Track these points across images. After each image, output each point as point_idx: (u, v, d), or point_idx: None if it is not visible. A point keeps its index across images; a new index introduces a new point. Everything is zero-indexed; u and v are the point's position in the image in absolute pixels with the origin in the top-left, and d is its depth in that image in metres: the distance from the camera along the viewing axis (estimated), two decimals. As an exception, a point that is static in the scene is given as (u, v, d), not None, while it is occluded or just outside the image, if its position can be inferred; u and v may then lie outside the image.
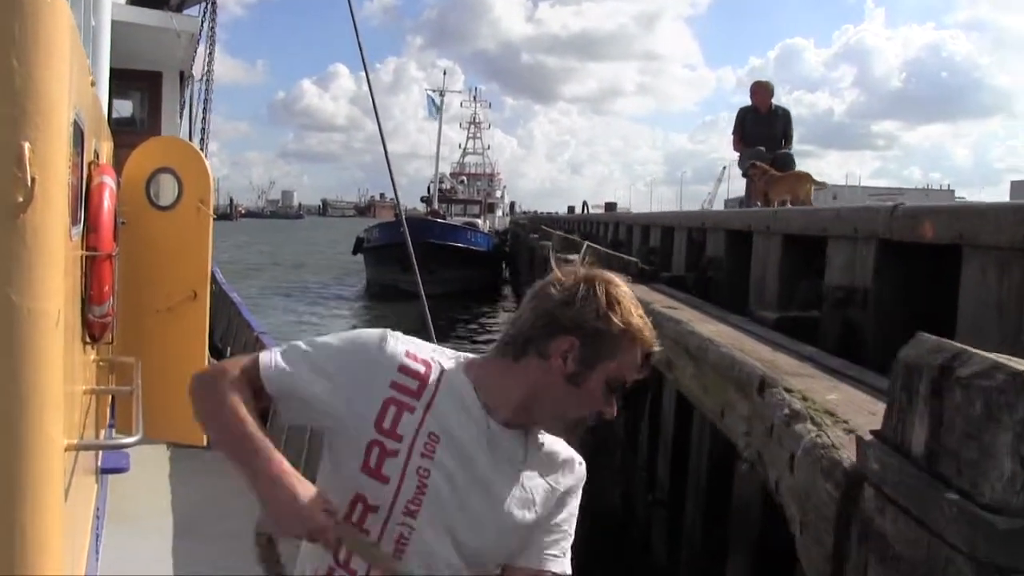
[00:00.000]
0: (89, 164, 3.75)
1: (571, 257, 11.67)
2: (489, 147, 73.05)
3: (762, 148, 11.08)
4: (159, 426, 4.71)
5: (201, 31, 10.75)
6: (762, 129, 11.39)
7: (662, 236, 11.02)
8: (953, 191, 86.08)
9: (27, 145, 1.68)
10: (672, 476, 6.99)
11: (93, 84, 4.01)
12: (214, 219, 5.75)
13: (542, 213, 61.84)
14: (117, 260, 4.17)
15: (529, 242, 26.83)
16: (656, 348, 1.85)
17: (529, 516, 1.86)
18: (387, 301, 33.99)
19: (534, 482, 1.89)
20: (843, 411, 3.12)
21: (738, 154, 11.59)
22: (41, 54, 1.72)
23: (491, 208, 60.02)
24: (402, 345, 1.85)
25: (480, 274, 40.54)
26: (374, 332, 1.86)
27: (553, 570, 1.89)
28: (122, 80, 9.16)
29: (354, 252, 42.64)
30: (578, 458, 1.98)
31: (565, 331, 1.79)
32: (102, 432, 4.88)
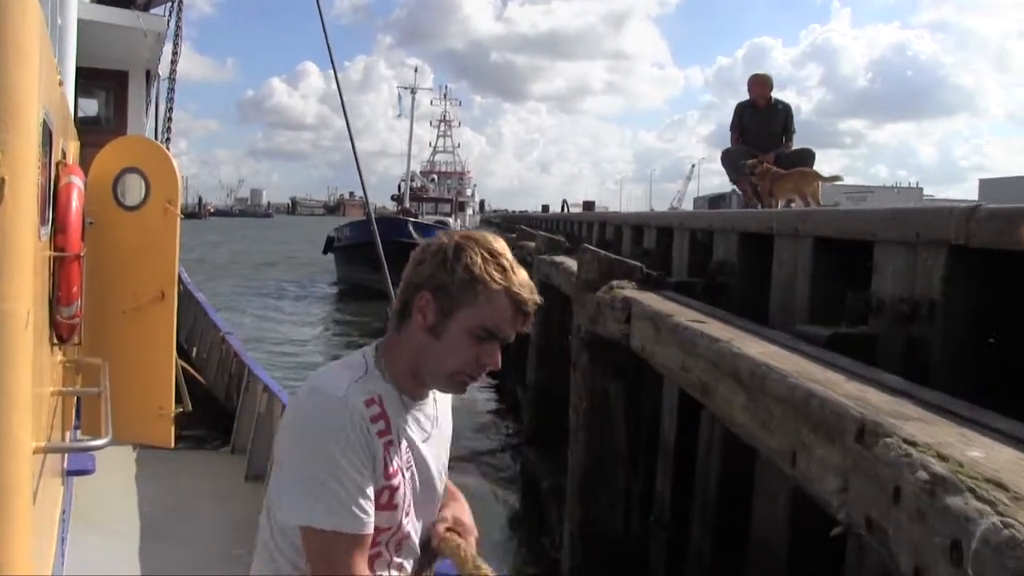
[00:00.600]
0: (57, 164, 3.73)
1: (559, 259, 11.33)
2: (460, 145, 73.27)
3: (745, 146, 10.64)
4: (126, 428, 4.68)
5: (167, 30, 10.65)
6: (761, 125, 10.86)
7: (658, 238, 10.36)
8: (922, 189, 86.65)
9: None
10: (674, 493, 6.64)
11: (61, 83, 3.98)
12: (183, 218, 5.73)
13: (515, 212, 61.63)
14: (84, 260, 4.14)
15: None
16: (524, 295, 1.91)
17: (445, 456, 2.16)
18: (357, 300, 33.72)
19: (445, 428, 2.16)
20: (1010, 479, 2.39)
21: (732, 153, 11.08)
22: (11, 54, 1.72)
23: (462, 207, 59.66)
24: (355, 399, 1.89)
25: None
26: (340, 415, 1.86)
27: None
28: (88, 79, 9.08)
29: (325, 251, 42.22)
30: (448, 405, 2.20)
31: (419, 288, 1.92)
32: (67, 434, 4.84)
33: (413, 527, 2.04)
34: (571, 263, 10.30)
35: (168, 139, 11.64)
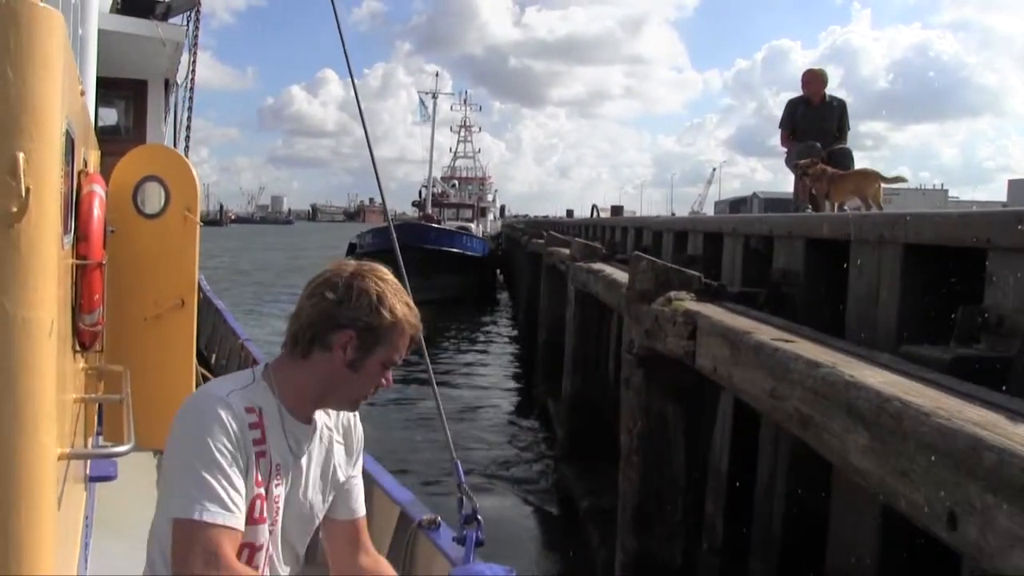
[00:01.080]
0: (79, 173, 3.76)
1: (596, 267, 11.01)
2: (480, 150, 72.11)
3: (816, 143, 9.96)
4: (147, 434, 4.70)
5: (186, 39, 10.72)
6: (815, 123, 10.27)
7: (704, 244, 9.64)
8: (947, 191, 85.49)
9: (21, 156, 1.69)
10: (727, 521, 6.47)
11: (83, 93, 4.02)
12: (204, 225, 5.75)
13: (539, 217, 61.09)
14: (106, 268, 4.17)
15: (532, 247, 24.86)
16: (419, 328, 2.18)
17: (339, 476, 2.31)
18: None
19: (335, 450, 2.29)
20: None
21: (786, 150, 10.50)
22: (36, 65, 1.74)
23: (483, 212, 58.97)
24: (237, 403, 2.05)
25: (475, 280, 39.71)
26: (219, 413, 2.01)
27: (362, 514, 2.40)
28: (108, 88, 9.15)
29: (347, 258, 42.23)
30: (355, 418, 2.38)
31: (343, 327, 2.09)
32: (90, 440, 4.87)
33: (276, 546, 2.16)
34: (611, 271, 10.13)
35: (187, 147, 11.72)
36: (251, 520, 2.05)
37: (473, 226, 50.00)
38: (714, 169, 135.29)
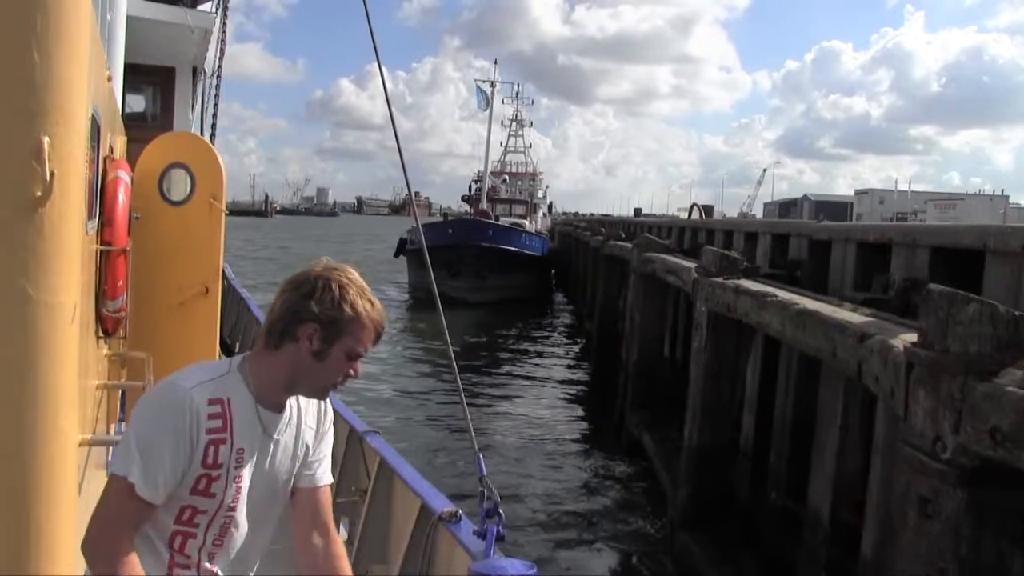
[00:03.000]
0: (104, 159, 3.76)
1: (747, 285, 8.98)
2: (531, 145, 68.47)
3: None
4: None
5: (214, 26, 10.73)
6: None
7: (811, 249, 9.36)
8: (1007, 196, 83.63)
9: (46, 140, 1.68)
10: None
11: (109, 79, 4.02)
12: (248, 216, 5.76)
13: (599, 215, 59.59)
14: (130, 255, 4.17)
15: (611, 250, 21.97)
16: (383, 325, 2.39)
17: (308, 454, 2.54)
18: (433, 309, 32.23)
19: (303, 431, 2.52)
20: None
21: None
22: (62, 49, 1.72)
23: (533, 208, 57.00)
24: (199, 396, 2.27)
25: (535, 281, 38.18)
26: (177, 405, 2.25)
27: (326, 481, 2.63)
28: (136, 75, 9.18)
29: (396, 254, 41.19)
30: (326, 404, 2.59)
31: (308, 320, 2.30)
32: (113, 427, 4.88)
33: (239, 519, 2.41)
34: (778, 293, 7.94)
35: (213, 135, 11.74)
36: (195, 492, 2.30)
37: (526, 223, 48.42)
38: (764, 170, 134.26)
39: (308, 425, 2.55)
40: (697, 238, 17.38)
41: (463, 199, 58.76)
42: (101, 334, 3.73)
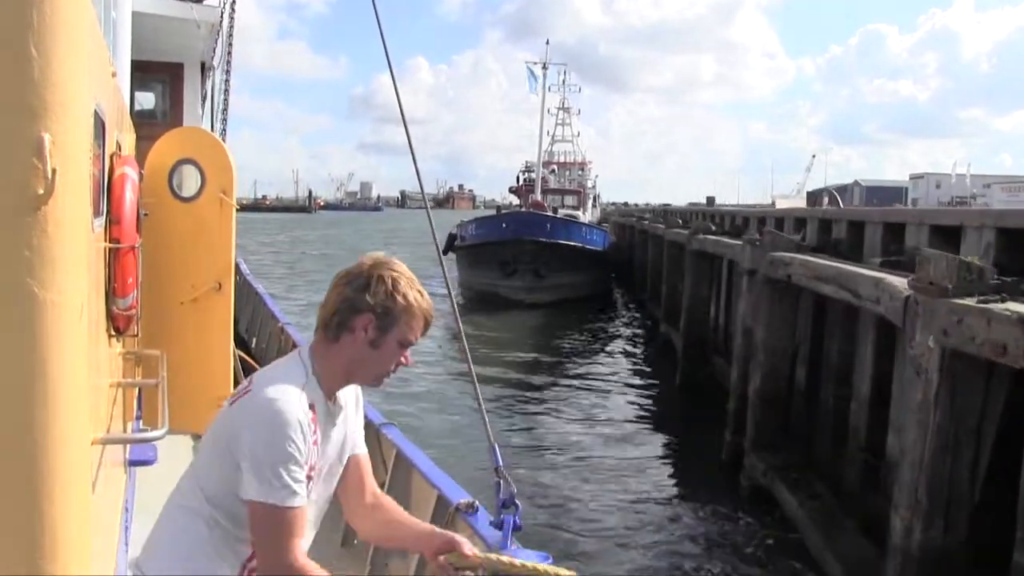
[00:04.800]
0: (111, 156, 3.74)
1: (1008, 307, 6.56)
2: (579, 134, 64.48)
3: None
4: (185, 418, 4.71)
5: (221, 21, 10.71)
6: None
7: (931, 238, 8.92)
8: None
9: (47, 136, 1.66)
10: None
11: (114, 75, 4.00)
12: (291, 212, 5.76)
13: (655, 205, 56.55)
14: (140, 252, 4.16)
15: (699, 244, 19.39)
16: (432, 315, 2.57)
17: (354, 440, 2.74)
18: (484, 311, 29.51)
19: (350, 420, 2.70)
20: None
21: None
22: (60, 43, 1.69)
23: (585, 199, 53.50)
24: (305, 406, 2.41)
25: (596, 278, 35.30)
26: (292, 425, 2.36)
27: (364, 450, 2.82)
28: (144, 72, 9.19)
29: (445, 251, 37.29)
30: (359, 390, 2.76)
31: (363, 311, 2.47)
32: (129, 425, 4.89)
33: (314, 512, 2.59)
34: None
35: (224, 130, 11.74)
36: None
37: (579, 213, 45.68)
38: (813, 156, 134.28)
39: (352, 414, 2.73)
40: (804, 229, 14.52)
41: (511, 190, 56.04)
42: (112, 332, 3.71)
